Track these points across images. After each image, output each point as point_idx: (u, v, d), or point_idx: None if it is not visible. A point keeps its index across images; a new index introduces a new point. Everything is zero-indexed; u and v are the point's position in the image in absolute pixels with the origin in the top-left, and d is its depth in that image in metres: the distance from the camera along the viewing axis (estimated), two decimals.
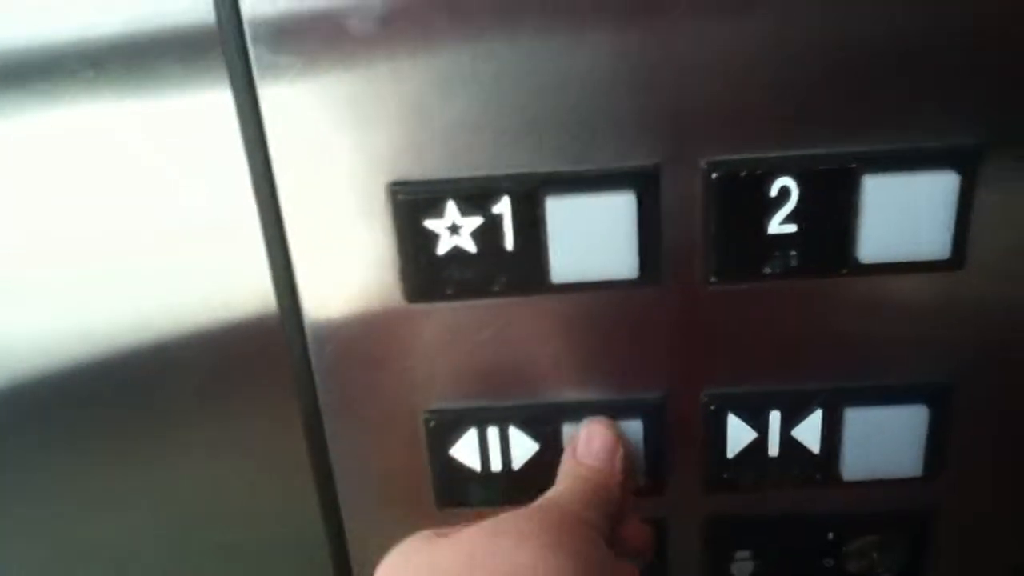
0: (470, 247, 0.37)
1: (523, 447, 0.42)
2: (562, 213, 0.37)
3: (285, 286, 0.39)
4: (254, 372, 0.41)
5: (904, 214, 0.37)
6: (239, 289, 0.40)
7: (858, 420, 0.41)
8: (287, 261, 0.38)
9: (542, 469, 0.42)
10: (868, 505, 0.43)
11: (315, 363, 0.41)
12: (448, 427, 0.41)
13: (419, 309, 0.39)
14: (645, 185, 0.36)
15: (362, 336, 0.40)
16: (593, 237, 0.37)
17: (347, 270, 0.39)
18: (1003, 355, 0.40)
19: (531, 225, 0.37)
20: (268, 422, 0.42)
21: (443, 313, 0.39)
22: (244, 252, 0.39)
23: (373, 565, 0.45)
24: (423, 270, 0.38)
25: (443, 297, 0.38)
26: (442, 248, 0.37)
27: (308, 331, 0.40)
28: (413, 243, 0.37)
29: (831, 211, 0.37)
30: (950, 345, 0.40)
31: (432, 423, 0.41)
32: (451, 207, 0.36)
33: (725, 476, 0.42)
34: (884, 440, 0.41)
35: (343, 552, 0.45)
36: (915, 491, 0.43)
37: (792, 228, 0.37)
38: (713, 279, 0.38)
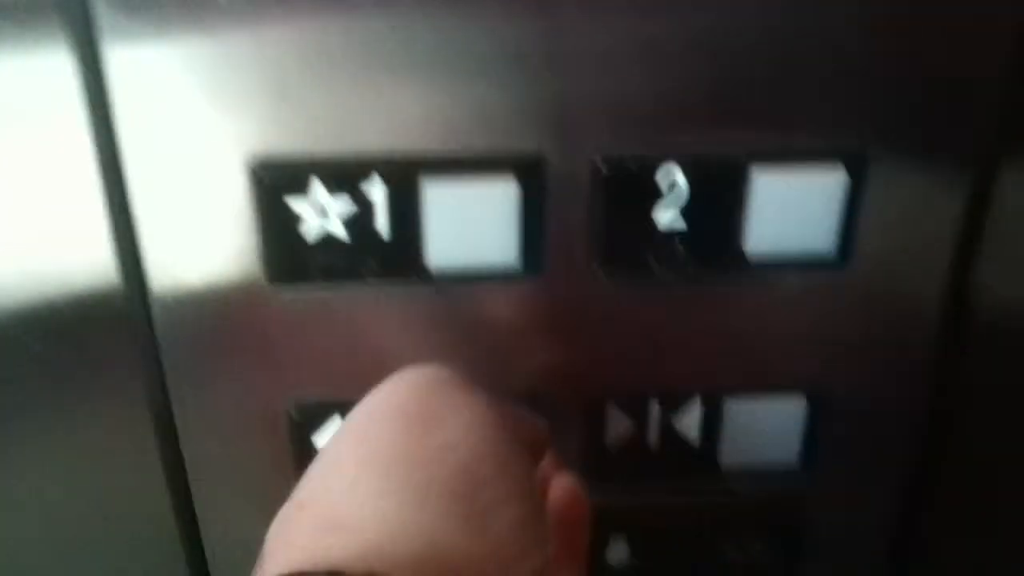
0: (339, 230, 0.34)
1: None
2: (440, 199, 0.34)
3: (129, 262, 0.35)
4: (100, 355, 0.38)
5: (792, 210, 0.36)
6: (83, 265, 0.36)
7: (737, 412, 0.40)
8: (131, 236, 0.35)
9: None
10: (745, 495, 0.43)
11: (164, 348, 0.37)
12: (313, 421, 0.38)
13: (282, 293, 0.36)
14: (529, 172, 0.34)
15: (218, 320, 0.37)
16: (473, 225, 0.35)
17: (202, 249, 0.35)
18: (880, 355, 0.39)
19: (407, 210, 0.34)
20: (115, 409, 0.39)
21: (309, 298, 0.36)
22: (87, 226, 0.35)
23: (230, 560, 0.43)
24: (286, 252, 0.35)
25: (309, 281, 0.35)
26: (308, 229, 0.34)
27: (156, 312, 0.36)
28: (274, 223, 0.34)
29: (719, 205, 0.36)
30: (832, 342, 0.39)
31: (295, 416, 0.38)
32: (317, 186, 0.33)
33: (604, 467, 0.41)
34: (762, 432, 0.41)
35: (197, 547, 0.42)
36: (791, 481, 0.42)
37: (680, 222, 0.35)
38: (598, 272, 0.36)
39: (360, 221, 0.34)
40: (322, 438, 0.39)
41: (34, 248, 0.35)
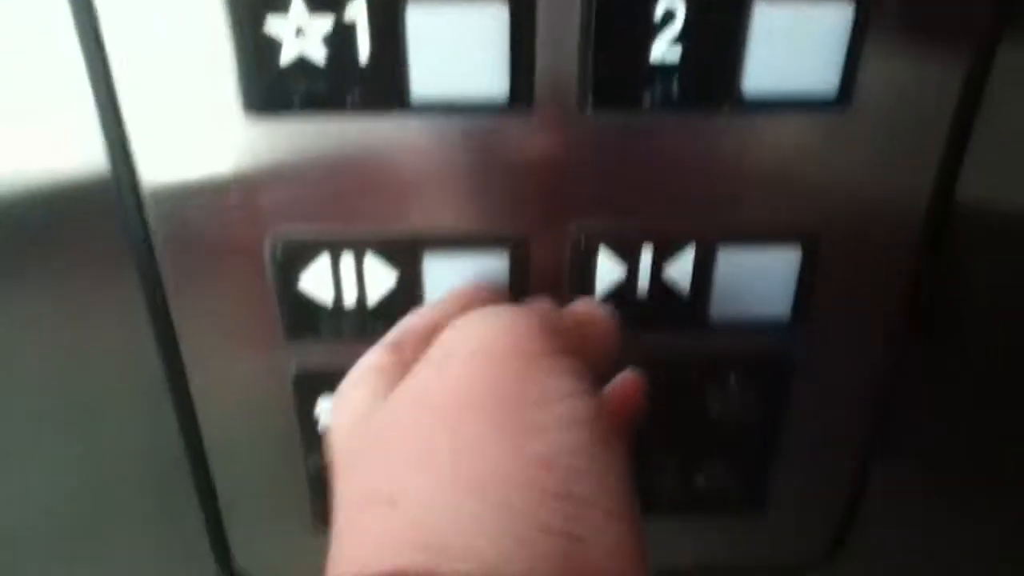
0: (318, 55, 0.33)
1: (380, 278, 0.39)
2: (425, 23, 0.33)
3: (104, 95, 0.34)
4: (79, 202, 0.37)
5: (793, 46, 0.34)
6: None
7: (730, 261, 0.39)
8: (103, 58, 0.33)
9: (403, 301, 0.39)
10: (733, 347, 0.42)
11: (145, 187, 0.36)
12: (297, 255, 0.38)
13: (262, 124, 0.35)
14: None
15: (196, 153, 0.36)
16: (459, 53, 0.34)
17: (176, 76, 0.34)
18: (878, 202, 0.38)
19: (389, 34, 0.33)
20: (96, 254, 0.38)
21: (290, 129, 0.35)
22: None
23: (217, 402, 0.43)
24: (265, 79, 0.33)
25: (288, 110, 0.34)
26: (286, 55, 0.33)
27: (134, 148, 0.35)
28: (251, 47, 0.33)
29: (717, 38, 0.34)
30: (828, 189, 0.38)
31: (279, 250, 0.38)
32: (296, 5, 0.32)
33: None
34: (754, 282, 0.40)
35: (184, 390, 0.42)
36: (780, 335, 0.42)
37: (676, 54, 0.34)
38: (589, 106, 0.35)
39: (340, 45, 0.33)
40: (307, 280, 0.39)
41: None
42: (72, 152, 0.35)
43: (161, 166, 0.36)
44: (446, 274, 0.39)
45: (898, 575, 0.52)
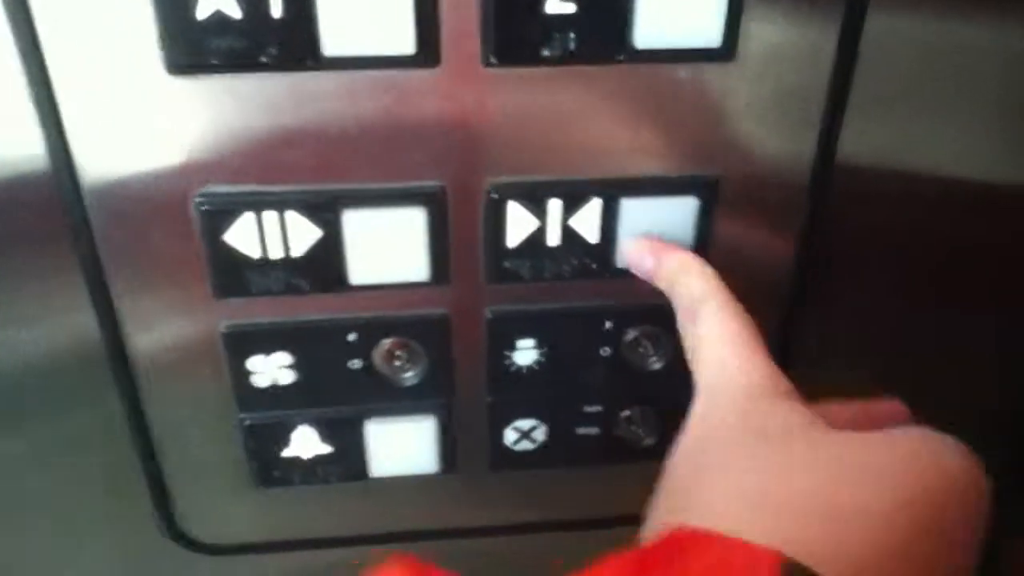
0: (234, 11, 0.35)
1: (304, 233, 0.41)
2: None
3: (32, 60, 0.36)
4: (8, 167, 0.39)
5: (679, 1, 0.37)
6: None
7: (633, 210, 0.42)
8: (30, 20, 0.35)
9: (327, 256, 0.41)
10: (643, 295, 0.45)
11: (74, 151, 0.38)
12: (222, 212, 0.40)
13: (183, 83, 0.37)
14: None
15: (122, 114, 0.38)
16: (366, 9, 0.36)
17: (100, 39, 0.36)
18: (768, 153, 0.41)
19: None
20: (28, 221, 0.40)
21: (211, 87, 0.37)
22: None
23: (155, 363, 0.44)
24: (183, 36, 0.35)
25: (206, 69, 0.36)
26: (202, 11, 0.35)
27: (62, 111, 0.37)
28: (171, 4, 0.34)
29: None
30: (722, 139, 0.41)
31: (204, 207, 0.40)
32: None
33: (506, 267, 0.43)
34: (657, 230, 0.42)
35: (122, 352, 0.44)
36: None
37: (570, 8, 0.36)
38: (491, 61, 0.37)
39: (254, 2, 0.35)
40: (232, 237, 0.40)
41: None
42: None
43: (89, 129, 0.38)
44: (366, 228, 0.41)
45: None
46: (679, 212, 0.42)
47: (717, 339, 0.36)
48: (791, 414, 0.32)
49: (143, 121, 0.38)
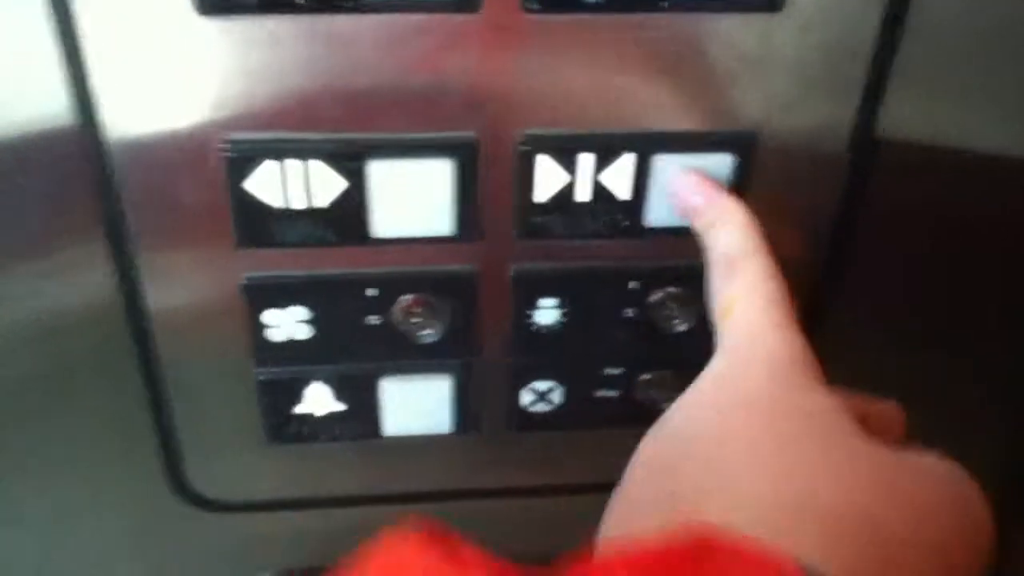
0: None
1: (328, 183, 0.40)
2: None
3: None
4: (32, 109, 0.37)
5: None
6: None
7: (666, 167, 0.41)
8: None
9: (351, 207, 0.40)
10: (671, 256, 0.44)
11: (98, 92, 0.37)
12: (245, 159, 0.38)
13: (214, 24, 0.35)
14: None
15: (149, 57, 0.36)
16: None
17: None
18: (810, 110, 0.40)
19: None
20: (50, 163, 0.38)
21: (242, 30, 0.36)
22: None
23: (172, 314, 0.43)
24: None
25: (239, 10, 0.35)
26: None
27: (87, 52, 0.36)
28: None
29: None
30: (761, 93, 0.39)
31: (227, 154, 0.38)
32: None
33: (536, 222, 0.42)
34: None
35: (138, 302, 0.42)
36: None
37: None
38: (532, 6, 0.36)
39: None
40: (255, 186, 0.39)
41: None
42: (23, 62, 0.36)
43: (115, 72, 0.36)
44: (392, 179, 0.40)
45: None
46: (714, 169, 0.41)
47: (752, 301, 0.35)
48: (827, 411, 0.31)
49: (170, 64, 0.36)
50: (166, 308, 0.43)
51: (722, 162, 0.41)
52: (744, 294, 0.35)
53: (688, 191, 0.40)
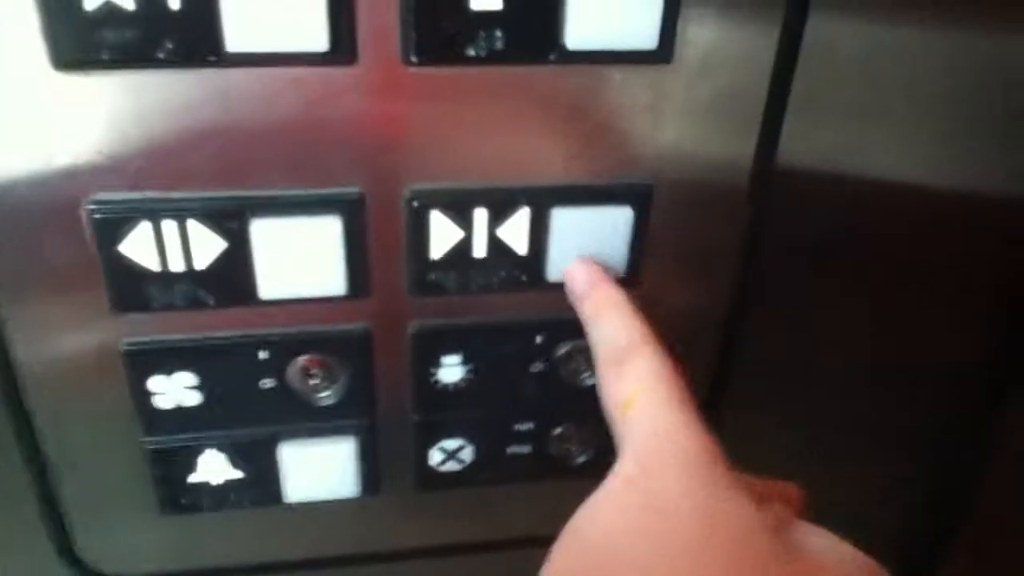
0: (128, 3, 0.32)
1: (207, 243, 0.37)
2: None
3: None
4: None
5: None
6: None
7: (564, 220, 0.39)
8: None
9: (233, 267, 0.38)
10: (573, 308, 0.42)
11: None
12: (116, 220, 0.36)
13: (72, 79, 0.33)
14: None
15: (5, 116, 0.34)
16: (274, 3, 0.33)
17: None
18: (706, 160, 0.39)
19: None
20: None
21: (102, 85, 0.34)
22: None
23: (47, 384, 0.41)
24: (71, 29, 0.32)
25: (98, 64, 0.33)
26: (93, 1, 0.31)
27: None
28: None
29: None
30: (657, 143, 0.38)
31: (97, 215, 0.36)
32: None
33: (431, 279, 0.40)
34: (589, 241, 0.40)
35: (10, 372, 0.40)
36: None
37: (497, 5, 0.34)
38: (413, 59, 0.34)
39: None
40: (129, 248, 0.37)
41: None
42: None
43: None
44: (276, 238, 0.38)
45: None
46: (613, 221, 0.40)
47: (652, 397, 0.33)
48: (746, 514, 0.30)
49: (29, 122, 0.34)
50: (41, 373, 0.41)
51: (621, 213, 0.40)
52: (642, 389, 0.34)
53: (573, 279, 0.39)
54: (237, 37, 0.33)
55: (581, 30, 0.35)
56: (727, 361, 0.45)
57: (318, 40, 0.34)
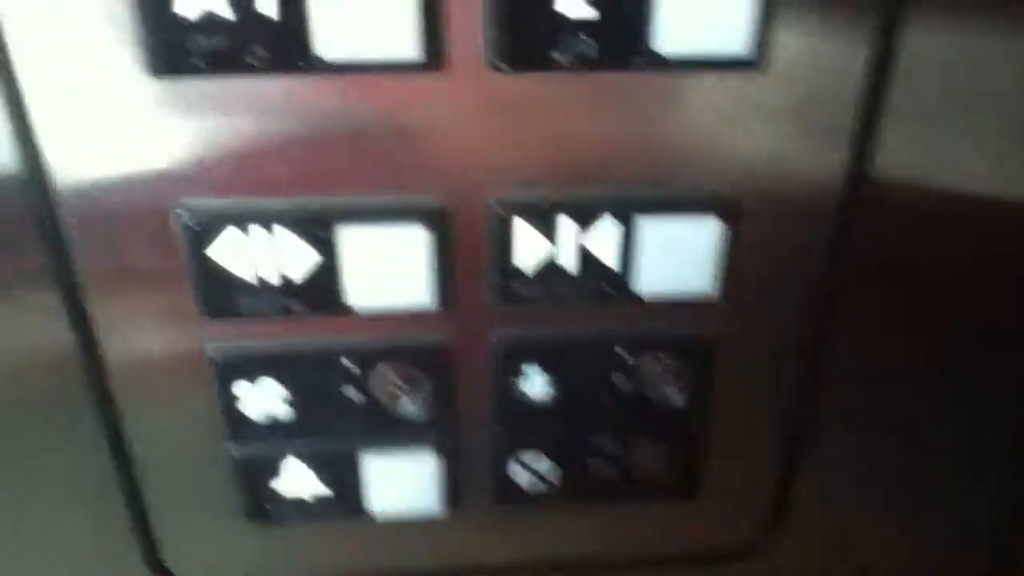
0: (223, 9, 0.32)
1: (293, 251, 0.38)
2: None
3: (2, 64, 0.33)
4: None
5: (706, 3, 0.34)
6: None
7: (650, 230, 0.39)
8: None
9: (321, 275, 0.38)
10: (659, 322, 0.42)
11: (48, 161, 0.35)
12: (205, 226, 0.37)
13: (165, 86, 0.34)
14: None
15: (98, 121, 0.35)
16: (367, 8, 0.33)
17: (73, 40, 0.33)
18: (796, 170, 0.38)
19: None
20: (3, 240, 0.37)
21: (194, 91, 0.34)
22: None
23: (136, 388, 0.42)
24: (165, 36, 0.32)
25: (191, 71, 0.33)
26: (184, 8, 0.32)
27: (34, 117, 0.34)
28: (151, 2, 0.32)
29: None
30: (746, 152, 0.37)
31: (186, 220, 0.37)
32: None
33: (514, 289, 0.40)
34: (676, 251, 0.39)
35: (101, 378, 0.41)
36: (702, 312, 0.41)
37: (586, 10, 0.33)
38: (500, 65, 0.34)
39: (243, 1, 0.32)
40: (219, 254, 0.38)
41: None
42: None
43: (63, 139, 0.35)
44: (364, 247, 0.38)
45: (833, 557, 0.51)
46: (700, 232, 0.39)
47: None
48: None
49: (120, 127, 0.35)
50: (131, 378, 0.41)
51: (707, 224, 0.39)
52: None
53: None
54: (326, 44, 0.33)
55: (672, 35, 0.34)
56: (813, 375, 0.44)
57: (408, 47, 0.34)
